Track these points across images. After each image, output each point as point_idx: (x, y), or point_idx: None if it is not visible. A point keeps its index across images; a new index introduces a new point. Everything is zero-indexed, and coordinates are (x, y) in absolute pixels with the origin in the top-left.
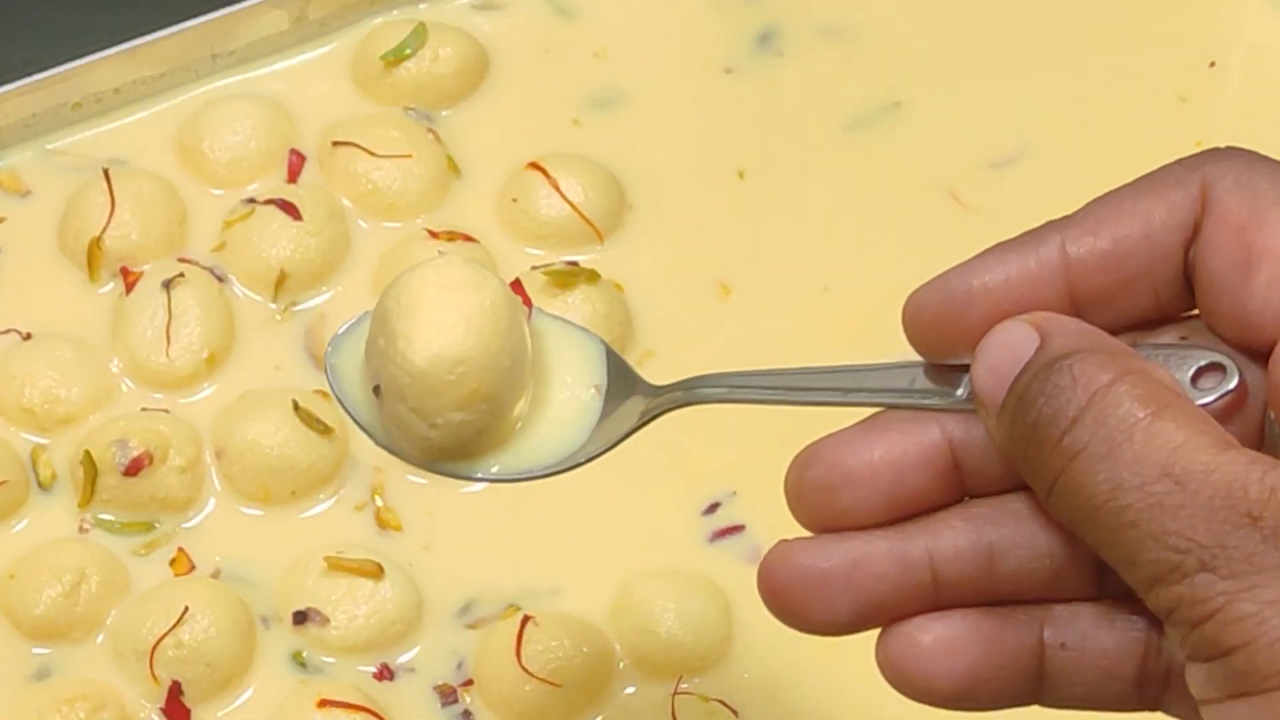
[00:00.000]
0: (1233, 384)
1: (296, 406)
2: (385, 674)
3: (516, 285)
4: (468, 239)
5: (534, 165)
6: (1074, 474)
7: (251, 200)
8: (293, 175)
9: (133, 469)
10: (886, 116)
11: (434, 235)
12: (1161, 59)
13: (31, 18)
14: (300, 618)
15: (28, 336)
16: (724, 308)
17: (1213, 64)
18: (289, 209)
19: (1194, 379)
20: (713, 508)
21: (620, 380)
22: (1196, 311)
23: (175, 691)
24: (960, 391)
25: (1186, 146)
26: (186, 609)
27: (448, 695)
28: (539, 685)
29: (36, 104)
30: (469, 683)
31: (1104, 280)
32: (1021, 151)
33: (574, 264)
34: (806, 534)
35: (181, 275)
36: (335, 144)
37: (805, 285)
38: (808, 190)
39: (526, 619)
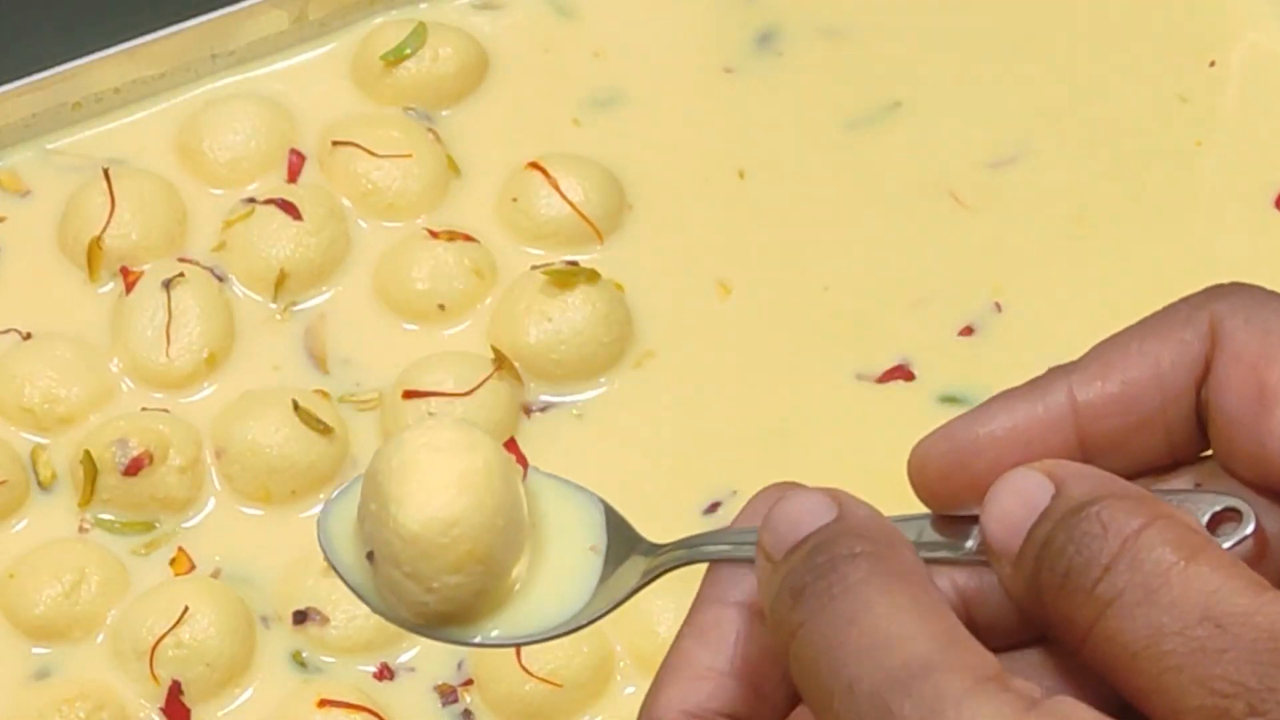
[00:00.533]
0: (1249, 529)
1: (296, 406)
2: (385, 674)
3: (511, 444)
4: (468, 239)
5: (534, 165)
6: (1110, 621)
7: (251, 200)
8: (293, 175)
9: (133, 469)
10: (886, 116)
11: (434, 235)
12: (1161, 59)
13: (31, 18)
14: (300, 617)
15: (28, 336)
16: (724, 307)
17: (1213, 64)
18: (289, 209)
19: (1210, 525)
20: (713, 507)
21: (620, 538)
22: (1210, 453)
23: (175, 691)
24: (970, 543)
25: (1186, 146)
26: (186, 609)
27: (448, 695)
28: (539, 685)
29: (36, 104)
30: (469, 682)
31: (1115, 424)
32: (1021, 151)
33: (574, 264)
34: None
35: (181, 275)
36: (335, 144)
37: (805, 285)
38: (808, 190)
39: None
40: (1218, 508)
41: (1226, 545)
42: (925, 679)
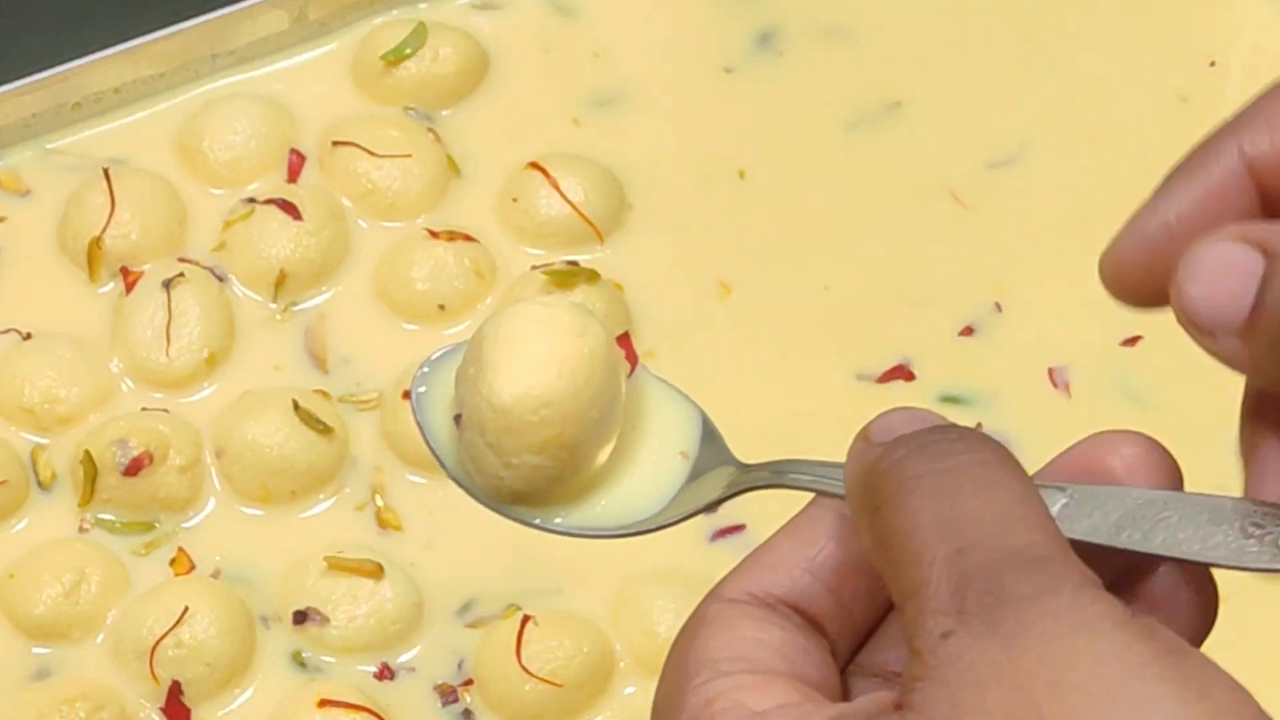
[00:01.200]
0: None
1: (296, 406)
2: (386, 673)
3: (624, 339)
4: (468, 239)
5: (534, 165)
6: None
7: (251, 200)
8: (293, 175)
9: (133, 469)
10: (886, 116)
11: (434, 235)
12: (1161, 59)
13: (31, 18)
14: (300, 617)
15: (28, 336)
16: (724, 307)
17: (1213, 64)
18: (289, 209)
19: None
20: (713, 506)
21: (711, 451)
22: None
23: (175, 691)
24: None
25: (1186, 146)
26: (186, 609)
27: (448, 695)
28: (539, 685)
29: (36, 104)
30: (469, 682)
31: None
32: (1021, 151)
33: (574, 264)
34: None
35: (181, 275)
36: (335, 144)
37: (805, 284)
38: (808, 190)
39: (526, 619)
40: None
41: None
42: (1045, 568)
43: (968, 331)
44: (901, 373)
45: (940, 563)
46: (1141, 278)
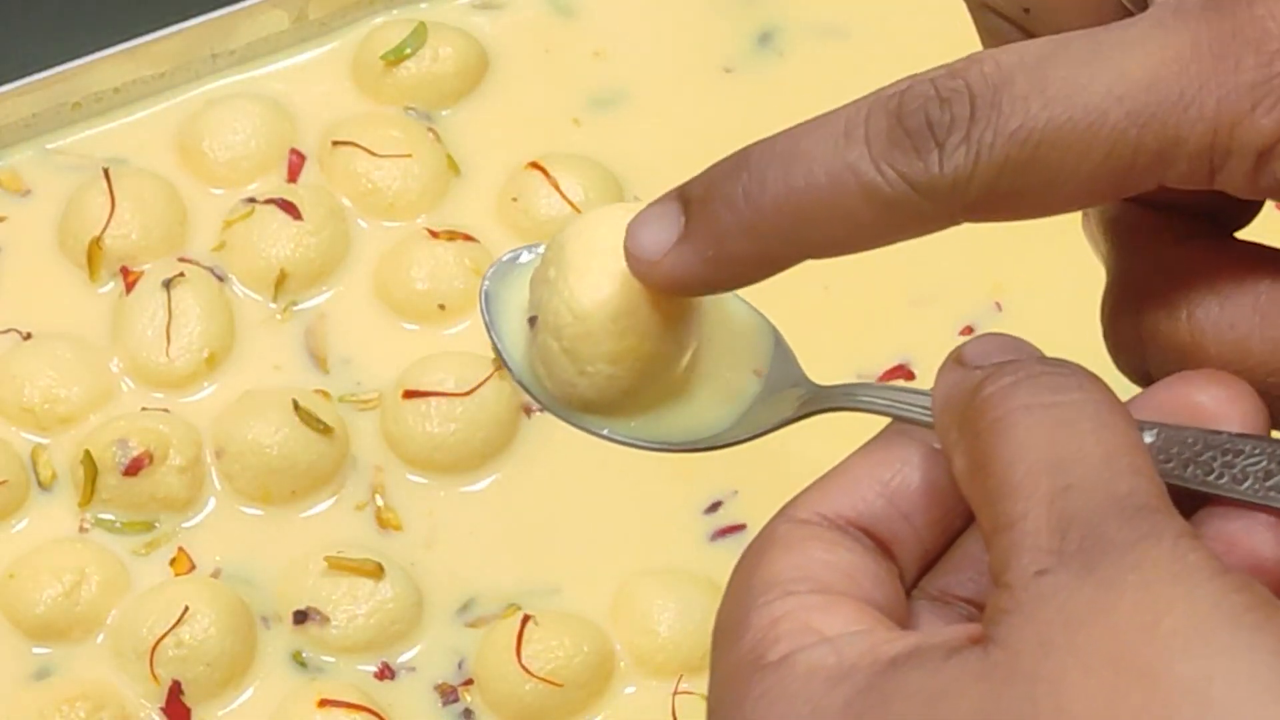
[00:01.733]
0: None
1: (296, 406)
2: (386, 673)
3: None
4: (468, 238)
5: (534, 165)
6: None
7: (251, 200)
8: (293, 175)
9: (133, 469)
10: None
11: (434, 235)
12: None
13: (31, 18)
14: (300, 617)
15: (28, 336)
16: None
17: None
18: (289, 208)
19: None
20: (714, 506)
21: (783, 371)
22: None
23: (175, 691)
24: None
25: None
26: (186, 608)
27: (448, 694)
28: (539, 685)
29: (36, 103)
30: (469, 682)
31: None
32: None
33: None
34: None
35: (181, 275)
36: (335, 143)
37: (805, 284)
38: None
39: (526, 618)
40: None
41: None
42: (1148, 516)
43: (968, 331)
44: (902, 372)
45: (1042, 499)
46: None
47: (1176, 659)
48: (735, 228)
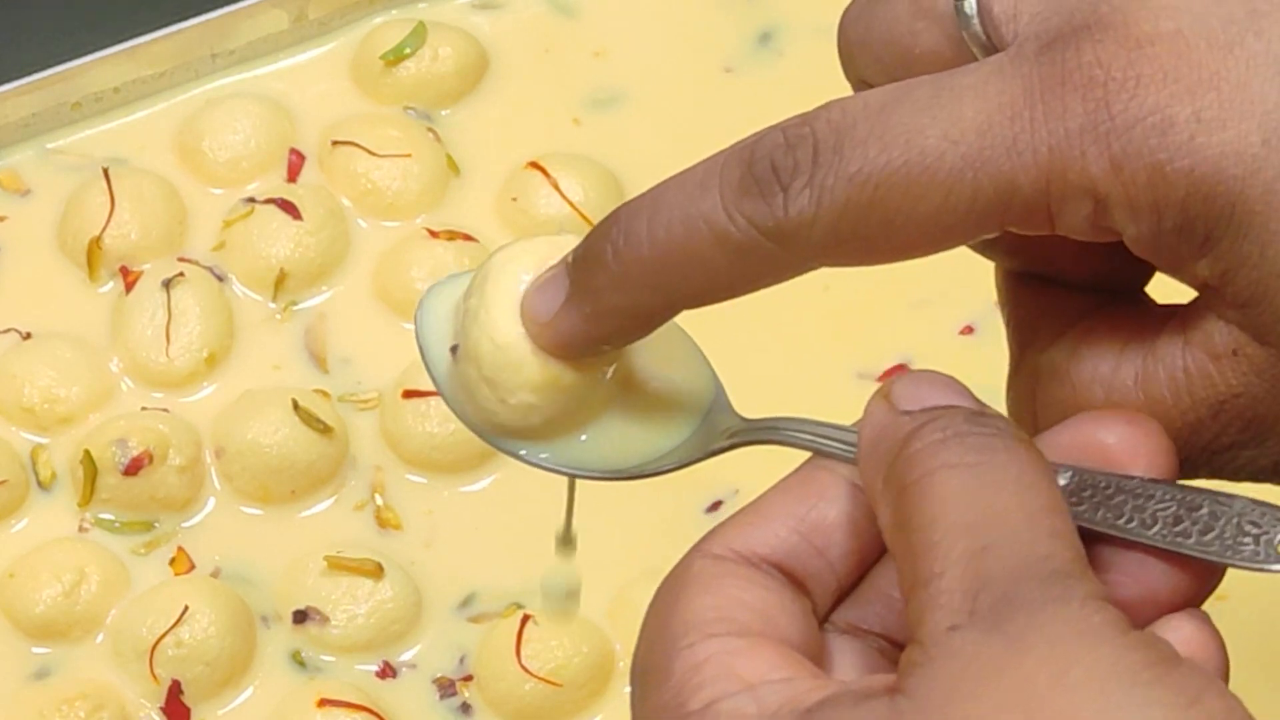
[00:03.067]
0: None
1: (296, 406)
2: (387, 672)
3: None
4: (468, 238)
5: (534, 164)
6: None
7: (251, 199)
8: (292, 174)
9: (132, 468)
10: None
11: (434, 234)
12: None
13: (31, 18)
14: (300, 617)
15: (28, 336)
16: (724, 307)
17: None
18: (289, 208)
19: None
20: (715, 505)
21: (710, 403)
22: None
23: (175, 691)
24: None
25: None
26: (186, 608)
27: (446, 687)
28: (539, 684)
29: (36, 103)
30: (469, 678)
31: None
32: None
33: None
34: None
35: (181, 275)
36: (335, 143)
37: (805, 284)
38: None
39: (526, 618)
40: None
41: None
42: (1061, 579)
43: (968, 331)
44: (902, 372)
45: (959, 559)
46: None
47: (1078, 712)
48: (607, 283)
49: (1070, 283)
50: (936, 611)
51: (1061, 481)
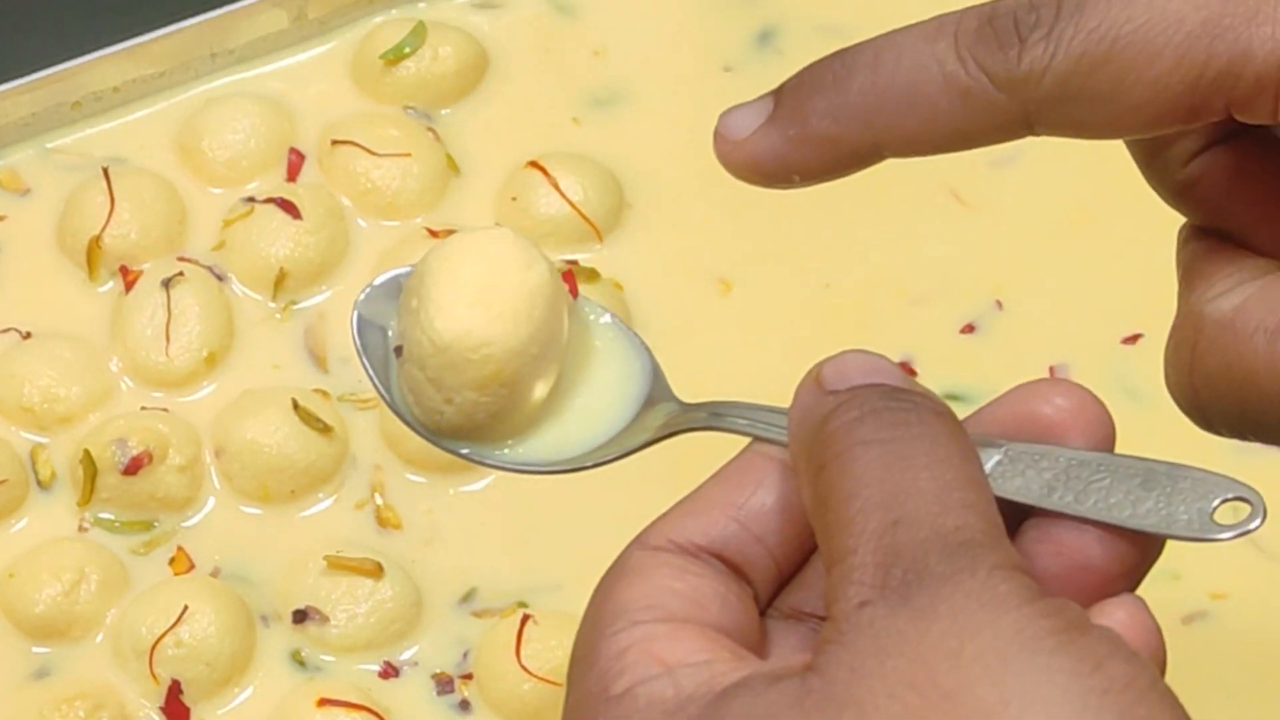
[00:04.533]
0: (1255, 524)
1: (296, 405)
2: (389, 672)
3: (568, 275)
4: None
5: (533, 164)
6: None
7: (251, 199)
8: (292, 174)
9: (132, 468)
10: None
11: (433, 234)
12: None
13: (31, 17)
14: (300, 616)
15: (27, 336)
16: (724, 306)
17: None
18: (288, 208)
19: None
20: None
21: (653, 390)
22: None
23: (175, 690)
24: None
25: None
26: (186, 608)
27: (444, 684)
28: (538, 684)
29: (36, 103)
30: (468, 676)
31: None
32: (1022, 150)
33: (573, 263)
34: None
35: (181, 274)
36: (335, 143)
37: (806, 283)
38: (808, 188)
39: (526, 617)
40: (1228, 495)
41: (1227, 536)
42: (969, 550)
43: (969, 329)
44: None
45: (872, 534)
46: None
47: (977, 683)
48: (821, 108)
49: (1254, 245)
50: (849, 587)
51: (995, 457)
